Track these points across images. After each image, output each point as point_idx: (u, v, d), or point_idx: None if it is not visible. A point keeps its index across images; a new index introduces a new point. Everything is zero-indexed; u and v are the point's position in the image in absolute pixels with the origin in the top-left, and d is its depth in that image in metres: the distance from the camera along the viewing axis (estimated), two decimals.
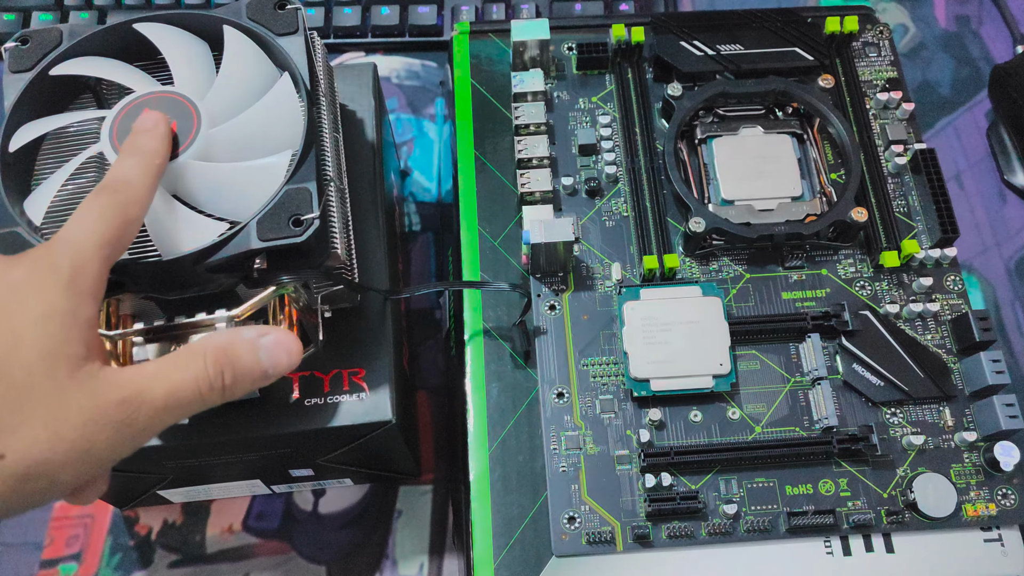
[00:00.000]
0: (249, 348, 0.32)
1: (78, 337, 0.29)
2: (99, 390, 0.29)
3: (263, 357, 0.32)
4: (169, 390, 0.30)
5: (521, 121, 0.48)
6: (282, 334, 0.33)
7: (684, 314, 0.43)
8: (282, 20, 0.40)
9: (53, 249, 0.30)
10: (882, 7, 0.66)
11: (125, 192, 0.32)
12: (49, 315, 0.29)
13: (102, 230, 0.31)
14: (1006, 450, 0.41)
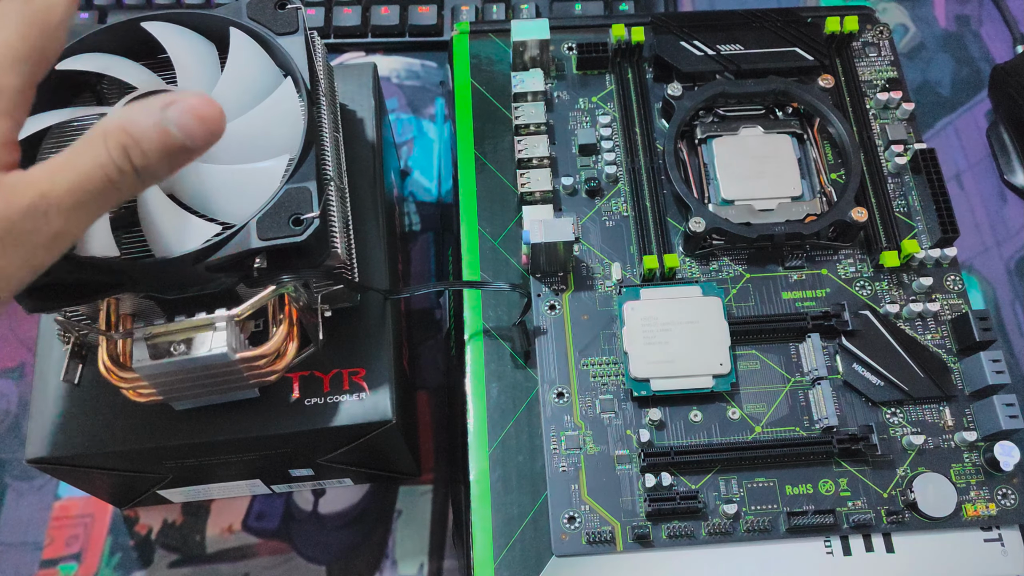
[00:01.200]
0: (153, 120, 0.28)
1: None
2: (1, 203, 0.27)
3: (172, 127, 0.28)
4: (73, 183, 0.28)
5: (521, 121, 0.48)
6: (193, 97, 0.29)
7: (684, 314, 0.43)
8: (282, 20, 0.40)
9: None
10: (882, 7, 0.66)
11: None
12: None
13: (16, 43, 0.29)
14: (1006, 450, 0.41)
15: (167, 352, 0.36)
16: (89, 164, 0.28)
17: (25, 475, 0.51)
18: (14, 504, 0.51)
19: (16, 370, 0.54)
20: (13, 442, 0.52)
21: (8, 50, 0.29)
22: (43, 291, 0.35)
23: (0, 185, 0.28)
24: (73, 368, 0.39)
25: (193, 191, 0.37)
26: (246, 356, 0.37)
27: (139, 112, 0.28)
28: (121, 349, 0.37)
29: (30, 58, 0.29)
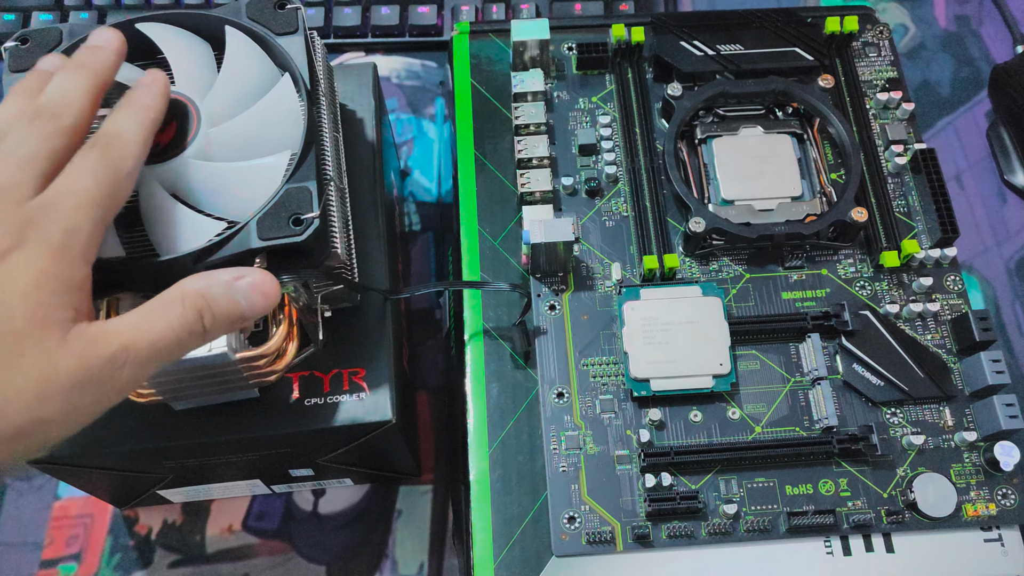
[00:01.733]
0: (226, 290, 0.32)
1: (68, 303, 0.29)
2: (86, 351, 0.29)
3: (240, 299, 0.32)
4: (152, 341, 0.30)
5: (521, 121, 0.48)
6: (258, 275, 0.33)
7: (684, 314, 0.43)
8: (282, 20, 0.40)
9: (43, 213, 0.30)
10: (882, 7, 0.66)
11: (117, 147, 0.32)
12: (39, 283, 0.29)
13: (93, 189, 0.30)
14: (1006, 450, 0.40)
15: None
16: (168, 323, 0.31)
17: (25, 475, 0.51)
18: (14, 504, 0.51)
19: None
20: None
21: (85, 194, 0.30)
22: None
23: (83, 335, 0.29)
24: None
25: (195, 189, 0.37)
26: (246, 356, 0.37)
27: (214, 280, 0.32)
28: None
29: (103, 203, 0.31)
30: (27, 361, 0.28)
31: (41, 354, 0.28)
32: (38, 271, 0.29)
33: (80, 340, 0.29)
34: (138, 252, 0.36)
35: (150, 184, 0.36)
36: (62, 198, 0.30)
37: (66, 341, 0.29)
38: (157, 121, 0.33)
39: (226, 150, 0.37)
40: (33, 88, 0.34)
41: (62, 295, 0.29)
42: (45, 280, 0.29)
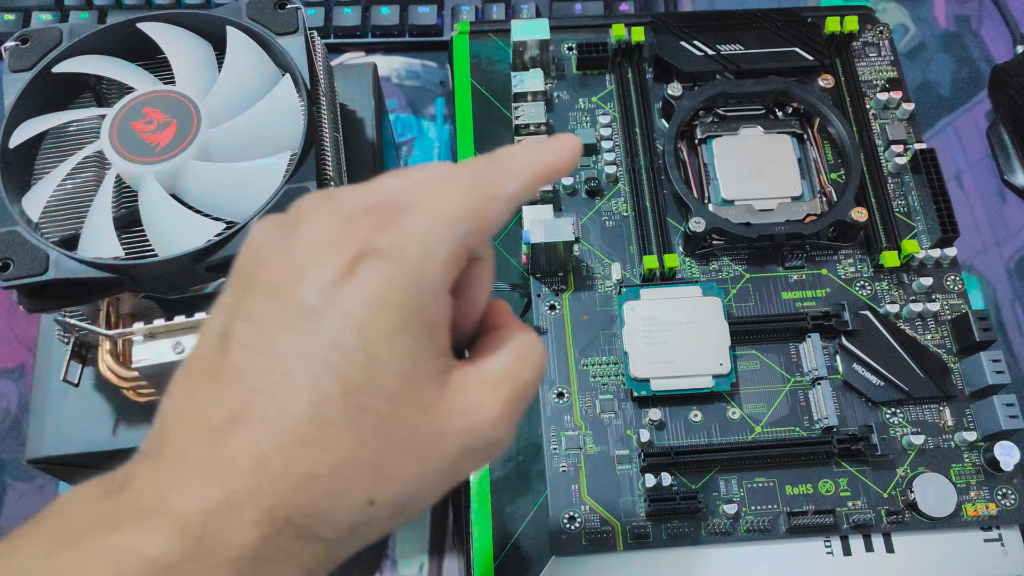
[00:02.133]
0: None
1: (435, 350, 0.24)
2: (471, 410, 0.24)
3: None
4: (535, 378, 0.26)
5: (521, 121, 0.48)
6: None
7: (684, 314, 0.43)
8: (282, 20, 0.40)
9: (400, 224, 0.23)
10: (882, 7, 0.66)
11: (504, 162, 0.26)
12: (402, 327, 0.22)
13: (462, 204, 0.24)
14: (1006, 450, 0.40)
15: (167, 352, 0.36)
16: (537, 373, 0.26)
17: (25, 475, 0.51)
18: (14, 504, 0.51)
19: (16, 370, 0.54)
20: (13, 442, 0.52)
21: (451, 210, 0.24)
22: (43, 291, 0.35)
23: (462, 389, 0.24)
24: (73, 368, 0.39)
25: (195, 189, 0.37)
26: None
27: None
28: (121, 349, 0.37)
29: (468, 218, 0.24)
30: (407, 428, 0.23)
31: (422, 417, 0.23)
32: (397, 311, 0.22)
33: (460, 395, 0.24)
34: (138, 252, 0.36)
35: (149, 184, 0.36)
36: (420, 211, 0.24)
37: (443, 399, 0.23)
38: (555, 169, 0.26)
39: (226, 150, 0.37)
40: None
41: (428, 341, 0.23)
42: (407, 323, 0.23)
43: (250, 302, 0.23)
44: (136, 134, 0.37)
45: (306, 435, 0.22)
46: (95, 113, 0.39)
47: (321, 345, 0.22)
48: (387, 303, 0.22)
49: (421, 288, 0.23)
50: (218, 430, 0.22)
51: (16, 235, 0.35)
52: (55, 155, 0.40)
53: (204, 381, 0.23)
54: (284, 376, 0.22)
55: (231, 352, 0.23)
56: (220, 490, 0.22)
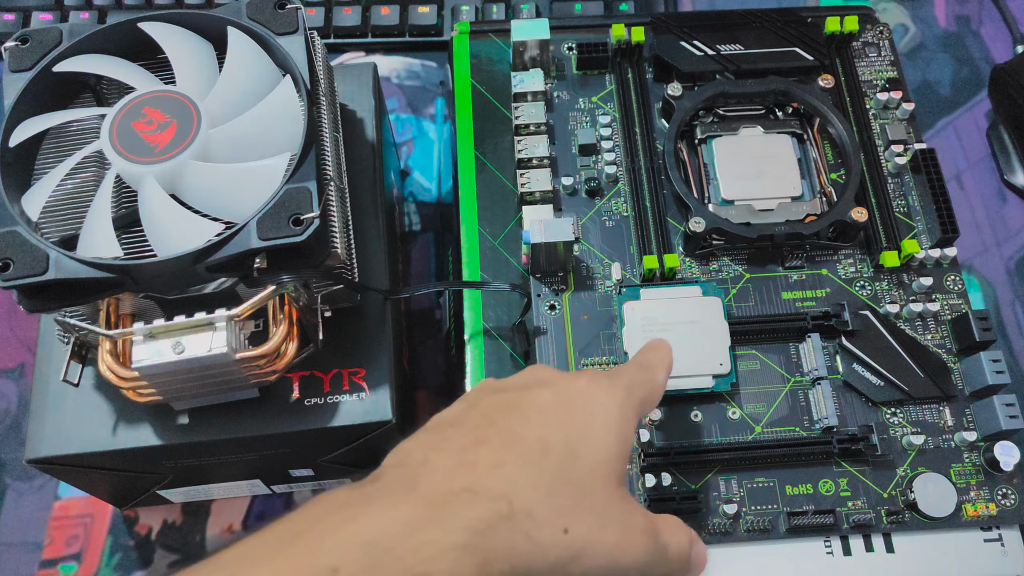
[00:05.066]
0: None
1: (624, 456, 0.31)
2: (634, 514, 0.31)
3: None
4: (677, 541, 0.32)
5: (521, 121, 0.48)
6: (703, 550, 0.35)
7: (684, 314, 0.43)
8: (282, 20, 0.40)
9: (608, 372, 0.33)
10: (882, 7, 0.66)
11: (652, 372, 0.35)
12: (608, 426, 0.31)
13: (642, 379, 0.34)
14: (1006, 450, 0.40)
15: (167, 352, 0.36)
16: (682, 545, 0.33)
17: (25, 475, 0.51)
18: (14, 504, 0.51)
19: (16, 370, 0.54)
20: (13, 442, 0.52)
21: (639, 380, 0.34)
22: (43, 291, 0.35)
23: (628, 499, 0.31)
24: (73, 368, 0.39)
25: (194, 190, 0.37)
26: (246, 356, 0.37)
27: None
28: (121, 349, 0.37)
29: (644, 395, 0.34)
30: (591, 498, 0.30)
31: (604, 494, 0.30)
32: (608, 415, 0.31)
33: (629, 501, 0.31)
34: (137, 252, 0.36)
35: (149, 184, 0.36)
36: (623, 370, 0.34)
37: (620, 494, 0.31)
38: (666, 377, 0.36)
39: (226, 151, 0.37)
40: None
41: (623, 446, 0.31)
42: (612, 425, 0.31)
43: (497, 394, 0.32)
44: (136, 134, 0.37)
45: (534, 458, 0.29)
46: (95, 113, 0.39)
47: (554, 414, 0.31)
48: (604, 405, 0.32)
49: (627, 410, 0.32)
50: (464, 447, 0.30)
51: (16, 235, 0.35)
52: (55, 155, 0.40)
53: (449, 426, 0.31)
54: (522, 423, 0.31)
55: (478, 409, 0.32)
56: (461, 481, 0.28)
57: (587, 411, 0.31)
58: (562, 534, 0.28)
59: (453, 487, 0.28)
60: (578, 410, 0.31)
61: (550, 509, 0.29)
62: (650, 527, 0.31)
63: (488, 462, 0.29)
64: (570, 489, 0.29)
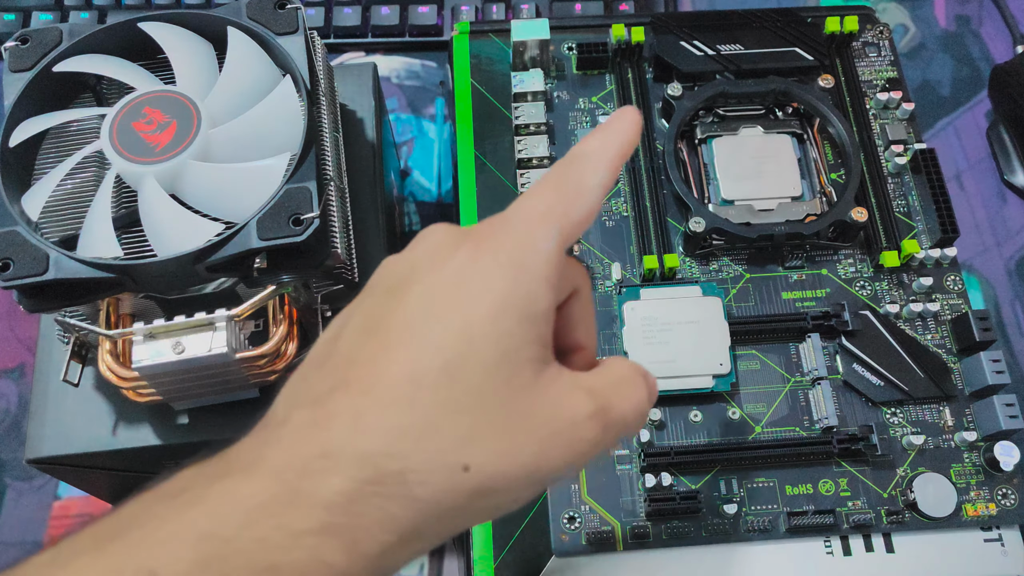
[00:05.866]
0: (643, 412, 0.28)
1: (535, 336, 0.25)
2: (563, 401, 0.25)
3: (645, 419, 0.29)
4: (634, 408, 0.27)
5: (521, 121, 0.48)
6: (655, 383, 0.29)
7: (684, 314, 0.43)
8: (282, 20, 0.40)
9: (498, 226, 0.26)
10: (882, 7, 0.66)
11: (580, 161, 0.27)
12: (503, 308, 0.24)
13: (550, 199, 0.26)
14: (1006, 450, 0.40)
15: (167, 352, 0.36)
16: (642, 397, 0.27)
17: (25, 475, 0.51)
18: (14, 504, 0.51)
19: (16, 370, 0.54)
20: (13, 442, 0.52)
21: (544, 206, 0.26)
22: (43, 291, 0.35)
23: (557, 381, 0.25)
24: (73, 368, 0.39)
25: (194, 190, 0.37)
26: (246, 356, 0.37)
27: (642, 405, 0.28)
28: (121, 349, 0.37)
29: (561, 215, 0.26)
30: (497, 400, 0.24)
31: (511, 393, 0.24)
32: (498, 293, 0.24)
33: (554, 385, 0.25)
34: (137, 252, 0.36)
35: (149, 184, 0.36)
36: (517, 209, 0.26)
37: (538, 384, 0.25)
38: (626, 147, 0.28)
39: (226, 151, 0.37)
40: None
41: (528, 325, 0.25)
42: (507, 305, 0.24)
43: (365, 303, 0.26)
44: (136, 134, 0.37)
45: (401, 396, 0.23)
46: (95, 113, 0.39)
47: (423, 324, 0.24)
48: (489, 288, 0.24)
49: (522, 277, 0.25)
50: (318, 397, 0.24)
51: (16, 235, 0.35)
52: (55, 155, 0.40)
53: (314, 368, 0.26)
54: (385, 351, 0.24)
55: (341, 340, 0.25)
56: (315, 445, 0.23)
57: (468, 305, 0.24)
58: (460, 475, 0.23)
59: (305, 453, 0.23)
60: (455, 309, 0.24)
61: (432, 453, 0.23)
62: (594, 412, 0.25)
63: (346, 414, 0.24)
64: (458, 415, 0.24)
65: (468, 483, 0.23)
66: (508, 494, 0.25)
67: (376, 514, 0.23)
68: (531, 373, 0.25)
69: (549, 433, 0.25)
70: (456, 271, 0.25)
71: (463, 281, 0.25)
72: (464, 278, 0.25)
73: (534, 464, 0.24)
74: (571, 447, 0.25)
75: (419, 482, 0.23)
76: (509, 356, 0.24)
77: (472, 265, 0.25)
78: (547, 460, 0.25)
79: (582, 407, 0.25)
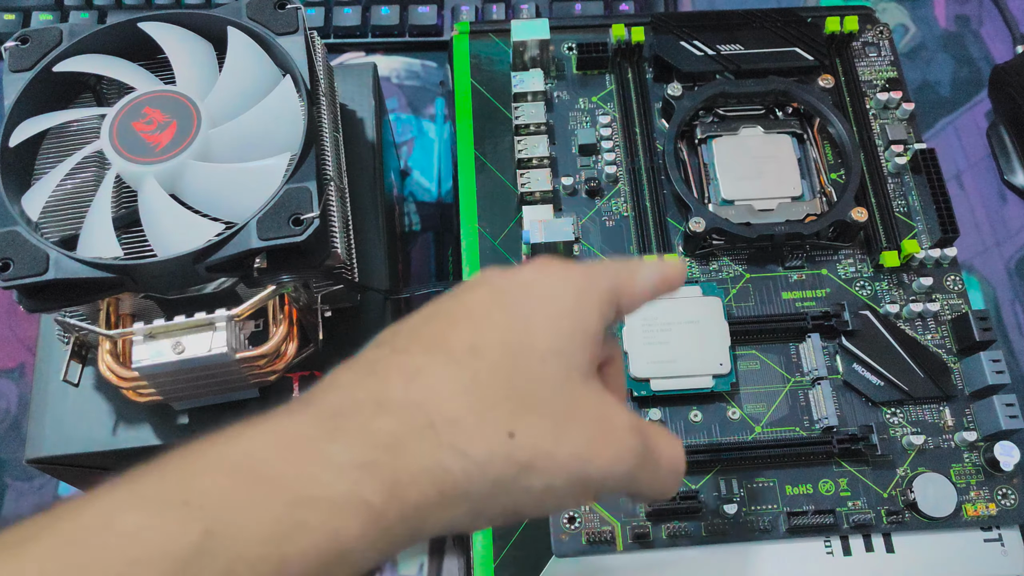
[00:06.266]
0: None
1: (586, 349, 0.27)
2: (607, 406, 0.26)
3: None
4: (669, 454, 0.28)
5: (521, 121, 0.48)
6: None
7: (684, 314, 0.43)
8: (282, 20, 0.40)
9: (567, 262, 0.29)
10: (882, 7, 0.66)
11: (639, 263, 0.32)
12: (562, 315, 0.27)
13: (612, 267, 0.29)
14: (1006, 450, 0.40)
15: (167, 352, 0.36)
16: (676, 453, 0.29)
17: (25, 475, 0.51)
18: (14, 504, 0.51)
19: (16, 370, 0.54)
20: (13, 442, 0.52)
21: (609, 271, 0.29)
22: (43, 291, 0.35)
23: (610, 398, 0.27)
24: (73, 368, 0.39)
25: (194, 190, 0.37)
26: (246, 356, 0.37)
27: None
28: (121, 349, 0.37)
29: (617, 287, 0.29)
30: (549, 385, 0.25)
31: (565, 382, 0.26)
32: (559, 303, 0.27)
33: (602, 394, 0.27)
34: (137, 252, 0.36)
35: (149, 184, 0.36)
36: (579, 262, 0.30)
37: (588, 385, 0.26)
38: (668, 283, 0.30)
39: (226, 151, 0.37)
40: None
41: (581, 335, 0.27)
42: (565, 313, 0.27)
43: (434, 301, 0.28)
44: (136, 134, 0.37)
45: (460, 359, 0.25)
46: (95, 113, 0.39)
47: (487, 311, 0.26)
48: (552, 296, 0.27)
49: (583, 298, 0.27)
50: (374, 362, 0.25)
51: (16, 235, 0.35)
52: (55, 155, 0.40)
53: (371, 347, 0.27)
54: (448, 328, 0.26)
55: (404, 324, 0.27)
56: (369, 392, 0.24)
57: (531, 303, 0.27)
58: (505, 440, 0.24)
59: (358, 398, 0.24)
60: (519, 304, 0.27)
61: (484, 414, 0.24)
62: (636, 426, 0.27)
63: (402, 370, 0.24)
64: (512, 390, 0.25)
65: (516, 453, 0.24)
66: (555, 481, 0.25)
67: (423, 461, 0.23)
68: (580, 378, 0.26)
69: (597, 429, 0.25)
70: (524, 278, 0.27)
71: (530, 286, 0.27)
72: (531, 285, 0.27)
73: (581, 455, 0.25)
74: (617, 450, 0.26)
75: (467, 437, 0.23)
76: (563, 355, 0.26)
77: (540, 277, 0.27)
78: (595, 455, 0.25)
79: (626, 418, 0.27)
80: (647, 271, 0.30)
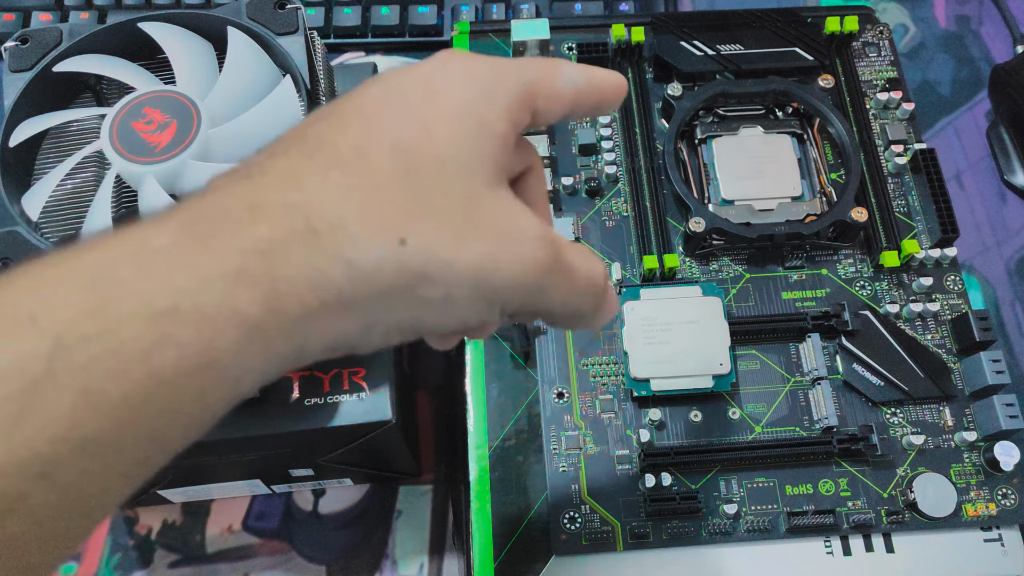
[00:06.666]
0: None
1: (492, 153, 0.24)
2: (515, 214, 0.24)
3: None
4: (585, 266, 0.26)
5: None
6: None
7: (684, 314, 0.43)
8: (282, 20, 0.40)
9: (473, 56, 0.26)
10: (882, 7, 0.66)
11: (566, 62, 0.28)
12: (462, 113, 0.24)
13: (530, 64, 0.26)
14: (1006, 450, 0.40)
15: None
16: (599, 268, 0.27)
17: None
18: None
19: None
20: None
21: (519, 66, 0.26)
22: None
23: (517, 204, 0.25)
24: None
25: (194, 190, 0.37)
26: None
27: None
28: None
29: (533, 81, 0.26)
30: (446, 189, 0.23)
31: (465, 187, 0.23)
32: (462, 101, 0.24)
33: (508, 200, 0.24)
34: None
35: (150, 184, 0.36)
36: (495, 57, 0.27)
37: (492, 190, 0.24)
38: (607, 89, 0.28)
39: (226, 151, 0.37)
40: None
41: (486, 138, 0.24)
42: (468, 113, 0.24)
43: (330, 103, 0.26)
44: (136, 134, 0.37)
45: (344, 160, 0.23)
46: (95, 113, 0.39)
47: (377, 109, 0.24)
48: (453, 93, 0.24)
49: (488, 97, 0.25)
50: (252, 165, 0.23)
51: (16, 235, 0.35)
52: (55, 155, 0.40)
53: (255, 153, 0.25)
54: (336, 128, 0.24)
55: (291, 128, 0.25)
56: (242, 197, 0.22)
57: (428, 101, 0.24)
58: (396, 246, 0.22)
59: (228, 204, 0.22)
60: (415, 103, 0.24)
61: (371, 220, 0.22)
62: (548, 237, 0.25)
63: (281, 173, 0.22)
64: (403, 194, 0.23)
65: (408, 261, 0.22)
66: (453, 291, 0.23)
67: (302, 268, 0.21)
68: (483, 183, 0.24)
69: (498, 237, 0.24)
70: (422, 74, 0.25)
71: (428, 82, 0.25)
72: (428, 81, 0.25)
73: (482, 264, 0.23)
74: (521, 260, 0.24)
75: (353, 244, 0.22)
76: (463, 158, 0.24)
77: (440, 71, 0.25)
78: (495, 265, 0.23)
79: (537, 228, 0.24)
80: (572, 70, 0.27)
